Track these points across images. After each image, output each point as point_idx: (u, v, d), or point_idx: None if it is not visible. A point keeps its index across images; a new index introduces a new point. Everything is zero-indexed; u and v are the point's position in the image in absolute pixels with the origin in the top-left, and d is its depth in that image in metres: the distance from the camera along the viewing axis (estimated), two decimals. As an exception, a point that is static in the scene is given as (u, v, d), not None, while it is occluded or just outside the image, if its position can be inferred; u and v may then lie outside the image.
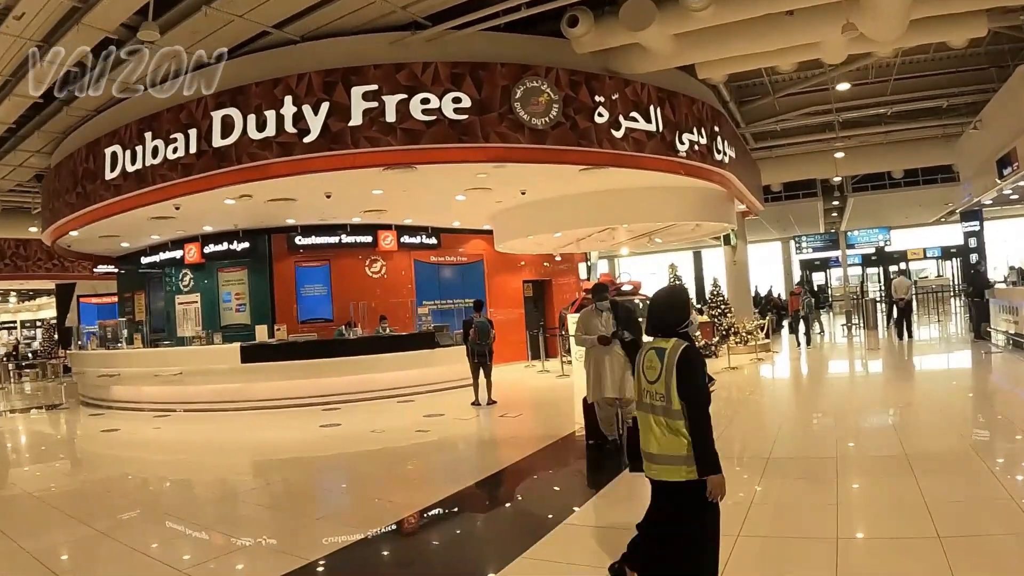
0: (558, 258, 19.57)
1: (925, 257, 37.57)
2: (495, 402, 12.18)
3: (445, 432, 10.28)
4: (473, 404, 12.13)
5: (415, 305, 16.77)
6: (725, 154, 13.38)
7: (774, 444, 8.04)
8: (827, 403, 11.58)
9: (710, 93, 14.23)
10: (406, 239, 17.11)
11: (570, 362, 15.47)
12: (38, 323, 35.93)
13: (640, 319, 8.03)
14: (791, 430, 9.09)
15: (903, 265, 35.63)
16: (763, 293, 27.50)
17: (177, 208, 12.97)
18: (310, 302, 16.64)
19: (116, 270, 20.46)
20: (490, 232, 16.80)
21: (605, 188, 13.60)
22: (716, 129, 13.08)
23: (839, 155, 19.87)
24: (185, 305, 17.78)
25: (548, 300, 20.30)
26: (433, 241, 17.62)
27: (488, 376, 12.24)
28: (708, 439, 3.73)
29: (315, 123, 10.45)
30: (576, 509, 6.15)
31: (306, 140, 10.49)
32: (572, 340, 9.35)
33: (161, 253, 18.02)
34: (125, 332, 16.83)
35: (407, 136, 10.34)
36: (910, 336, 18.04)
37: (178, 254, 17.44)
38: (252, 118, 10.70)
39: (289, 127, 10.53)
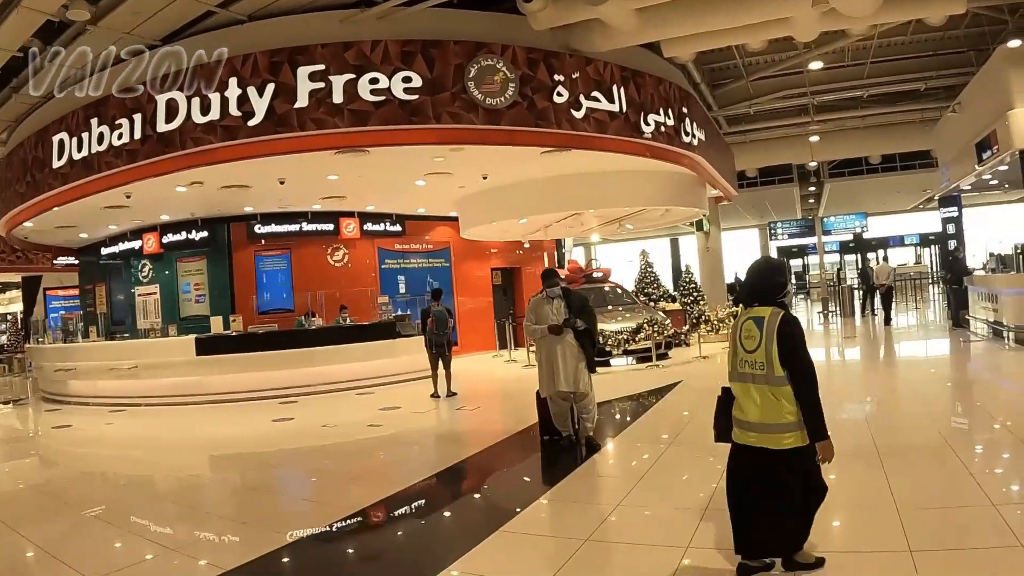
0: (526, 245, 19.02)
1: (903, 244, 37.34)
2: (455, 394, 11.68)
3: (398, 427, 9.77)
4: (432, 396, 11.63)
5: (379, 294, 16.21)
6: (694, 136, 12.86)
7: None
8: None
9: (679, 73, 13.71)
10: (369, 226, 16.52)
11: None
12: (8, 316, 35.09)
13: (607, 306, 7.49)
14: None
15: (881, 252, 35.37)
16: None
17: (128, 196, 12.47)
18: (271, 292, 16.04)
19: (76, 262, 19.82)
20: (456, 219, 16.24)
21: (570, 172, 13.09)
22: (684, 110, 12.56)
23: (814, 139, 19.41)
24: (145, 297, 17.16)
25: (518, 288, 19.73)
26: (398, 228, 17.03)
27: (447, 367, 11.73)
28: (817, 405, 3.80)
29: (260, 105, 9.88)
30: (519, 511, 5.65)
31: (251, 123, 9.92)
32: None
33: (121, 243, 17.45)
34: (80, 325, 16.25)
35: (355, 118, 9.77)
36: (888, 322, 17.64)
37: (137, 244, 16.84)
38: (196, 101, 10.12)
39: (234, 110, 9.97)
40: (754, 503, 3.94)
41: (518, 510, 5.66)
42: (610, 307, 15.21)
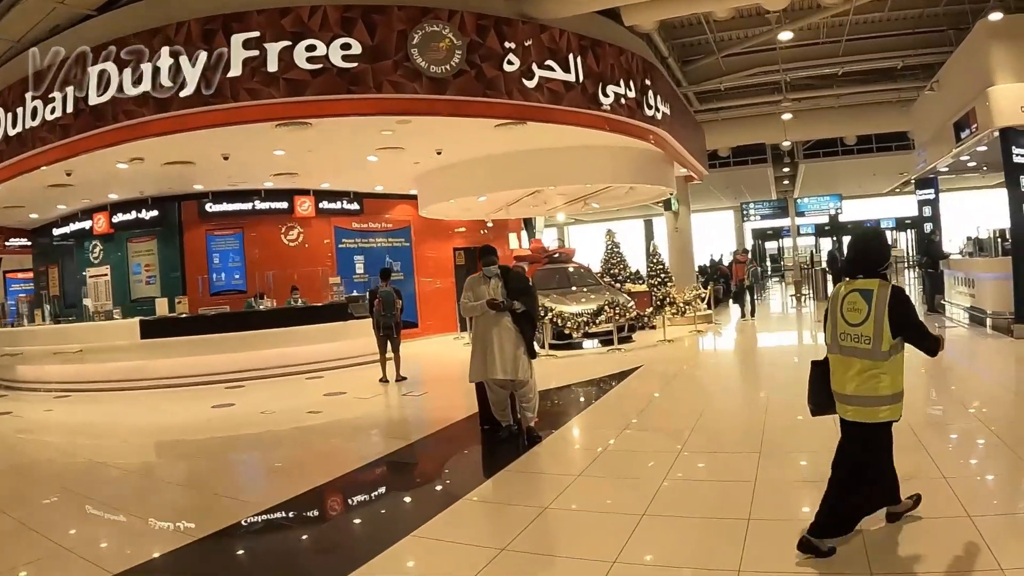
0: (490, 224, 18.36)
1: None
2: (405, 378, 11.09)
3: (338, 414, 9.15)
4: (381, 381, 11.05)
5: (338, 274, 15.53)
6: (658, 110, 12.20)
7: (697, 419, 7.01)
8: (758, 379, 10.63)
9: (643, 44, 13.01)
10: (325, 205, 15.79)
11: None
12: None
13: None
14: (717, 408, 8.07)
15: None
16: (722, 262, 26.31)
17: (69, 174, 11.82)
18: (223, 273, 15.32)
19: (30, 243, 18.99)
20: (416, 197, 15.53)
21: (529, 148, 12.46)
22: (648, 83, 11.89)
23: (787, 116, 18.78)
24: (96, 278, 16.40)
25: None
26: (355, 207, 16.30)
27: (396, 351, 11.13)
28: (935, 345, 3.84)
29: (192, 75, 9.15)
30: (437, 513, 5.07)
31: (183, 94, 9.19)
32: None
33: (72, 224, 16.71)
34: (26, 308, 15.50)
35: (290, 87, 9.05)
36: None
37: (88, 224, 16.11)
38: (128, 72, 9.39)
39: (165, 80, 9.23)
40: (854, 477, 3.91)
41: (436, 512, 5.09)
42: (574, 288, 14.63)
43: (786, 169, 25.98)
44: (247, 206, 15.04)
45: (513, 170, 12.89)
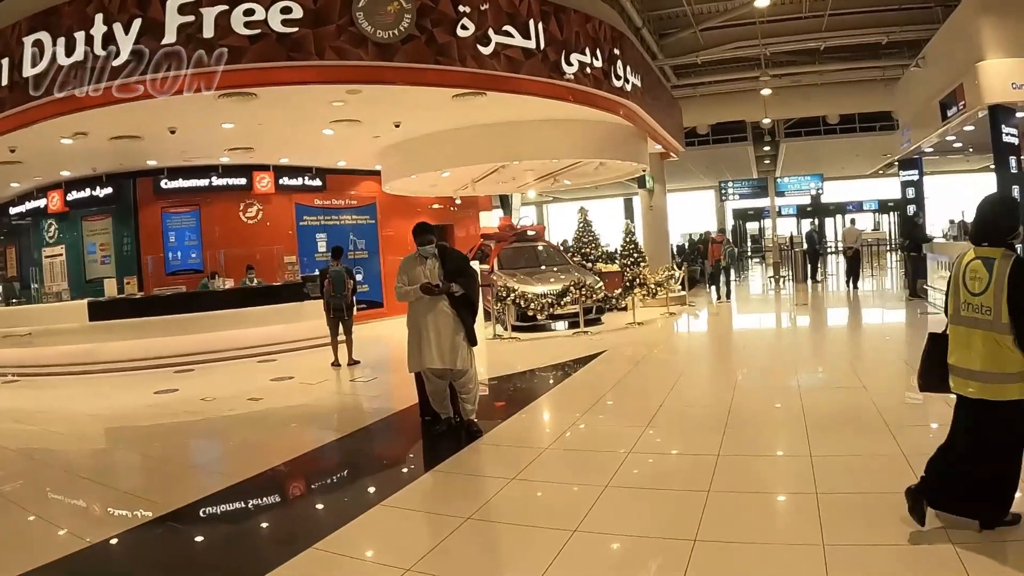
0: (458, 201, 17.69)
1: (862, 210, 36.44)
2: (358, 362, 10.47)
3: (279, 401, 8.53)
4: (333, 365, 10.44)
5: (298, 253, 14.83)
6: (628, 81, 11.49)
7: (655, 413, 6.42)
8: (727, 365, 10.03)
9: (613, 13, 12.27)
10: (286, 181, 15.03)
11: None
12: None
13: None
14: (679, 400, 7.47)
15: (842, 217, 34.49)
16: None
17: (12, 151, 11.20)
18: (179, 251, 14.58)
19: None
20: (381, 173, 14.81)
21: (493, 121, 11.79)
22: (616, 52, 11.17)
23: (766, 92, 18.10)
24: (51, 258, 15.69)
25: (451, 246, 18.23)
26: (317, 183, 15.53)
27: (348, 333, 10.50)
28: None
29: (126, 43, 8.38)
30: (348, 521, 4.47)
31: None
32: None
33: (27, 203, 15.95)
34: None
35: (230, 54, 8.30)
36: (855, 287, 16.65)
37: (43, 203, 15.34)
38: (62, 42, 8.64)
39: (98, 50, 8.47)
40: (966, 457, 3.62)
41: (346, 521, 4.48)
42: (543, 267, 13.99)
43: (767, 148, 25.32)
44: (203, 182, 14.28)
45: (476, 145, 12.19)
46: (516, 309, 12.18)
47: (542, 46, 9.68)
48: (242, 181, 14.52)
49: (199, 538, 4.56)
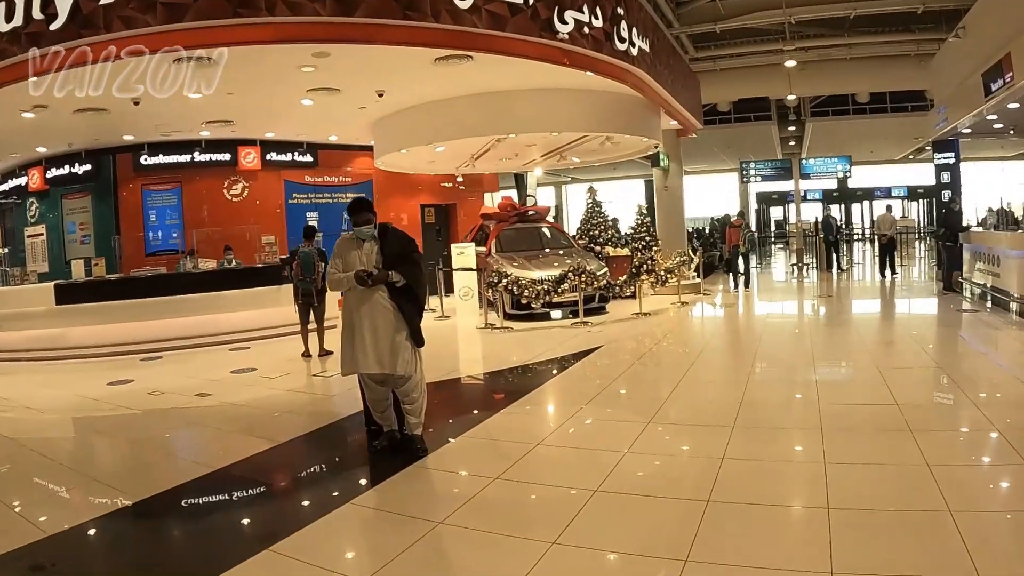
0: (459, 178, 16.45)
1: (891, 196, 34.64)
2: (330, 352, 9.30)
3: (226, 398, 7.39)
4: (304, 356, 9.32)
5: (287, 234, 13.71)
6: (634, 45, 10.12)
7: (640, 432, 5.17)
8: (736, 363, 8.70)
9: (619, -30, 10.88)
10: (274, 156, 13.90)
11: (468, 296, 12.46)
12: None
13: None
14: (672, 415, 6.21)
15: (876, 202, 32.70)
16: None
17: None
18: (160, 231, 13.53)
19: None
20: (376, 149, 13.60)
21: (485, 90, 10.56)
22: (620, 11, 9.80)
23: (790, 63, 16.53)
24: (33, 238, 14.72)
25: (453, 227, 17.06)
26: (308, 159, 14.37)
27: (320, 320, 9.37)
28: None
29: (63, 4, 7.29)
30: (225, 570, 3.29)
31: (53, 27, 7.35)
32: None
33: (10, 180, 15.02)
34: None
35: (169, 12, 7.11)
36: (893, 273, 15.34)
37: (24, 180, 14.40)
38: (3, 7, 7.59)
39: (36, 13, 7.40)
40: None
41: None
42: (547, 250, 12.74)
43: (792, 128, 23.62)
44: (185, 158, 13.20)
45: (468, 116, 10.94)
46: (510, 297, 10.94)
47: (531, 0, 8.37)
48: (226, 156, 13.43)
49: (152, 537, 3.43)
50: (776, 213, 35.54)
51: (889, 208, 17.43)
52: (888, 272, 15.40)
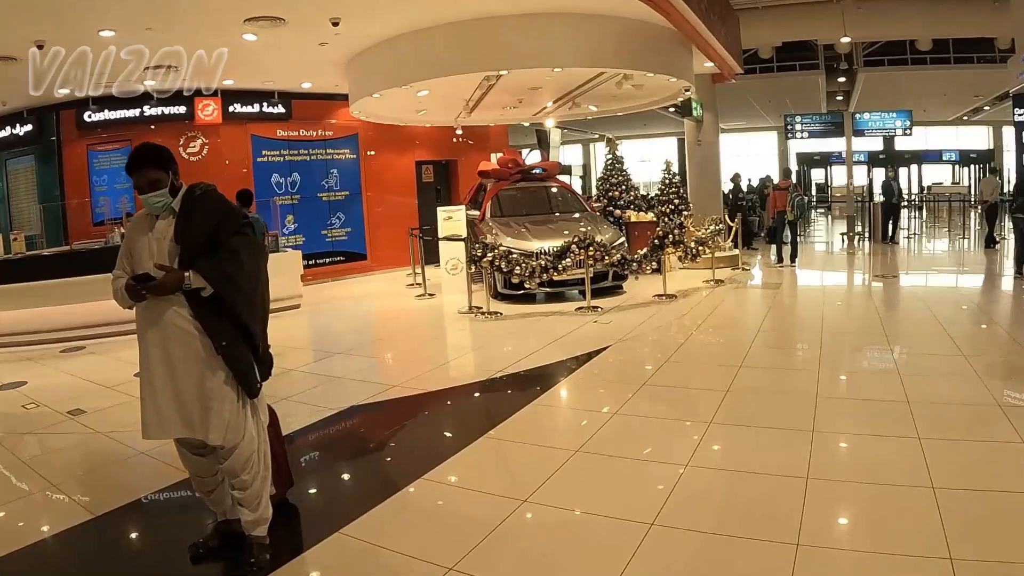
0: (459, 132, 14.02)
1: (941, 161, 31.33)
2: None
3: (99, 423, 5.35)
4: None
5: (255, 196, 11.45)
6: (656, -45, 7.60)
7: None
8: (791, 388, 6.27)
9: None
10: (238, 108, 11.60)
11: (457, 271, 10.10)
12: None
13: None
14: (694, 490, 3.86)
15: (924, 166, 29.49)
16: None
17: None
18: (110, 196, 11.37)
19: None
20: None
21: (470, 16, 8.14)
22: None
23: (844, -2, 13.64)
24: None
25: (454, 186, 14.64)
26: (280, 110, 11.99)
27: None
28: None
29: None
30: None
31: None
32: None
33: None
34: None
35: None
36: (996, 243, 13.24)
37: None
38: None
39: None
40: None
41: None
42: (557, 215, 10.36)
43: (841, 80, 20.54)
44: (134, 112, 10.99)
45: (450, 50, 8.55)
46: (501, 274, 8.51)
47: None
48: (181, 110, 11.18)
49: None
50: (817, 176, 32.20)
51: (994, 171, 15.08)
52: (990, 244, 13.38)
